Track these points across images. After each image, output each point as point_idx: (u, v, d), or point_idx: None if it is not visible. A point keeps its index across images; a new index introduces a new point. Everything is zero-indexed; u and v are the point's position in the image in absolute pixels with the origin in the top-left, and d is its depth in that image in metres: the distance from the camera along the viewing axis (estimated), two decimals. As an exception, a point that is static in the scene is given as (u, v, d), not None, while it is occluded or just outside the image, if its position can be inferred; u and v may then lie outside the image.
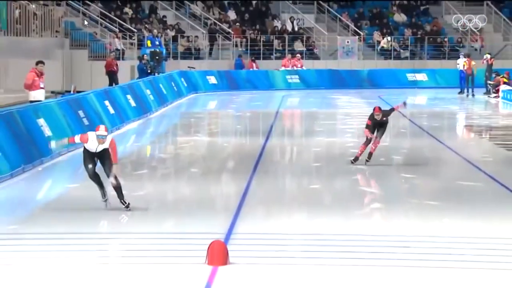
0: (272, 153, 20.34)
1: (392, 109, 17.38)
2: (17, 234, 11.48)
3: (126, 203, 12.48)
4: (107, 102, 23.57)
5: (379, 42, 43.49)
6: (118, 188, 12.41)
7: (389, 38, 43.15)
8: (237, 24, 43.19)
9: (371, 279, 9.09)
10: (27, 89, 21.46)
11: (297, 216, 12.90)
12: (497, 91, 34.91)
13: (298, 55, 41.61)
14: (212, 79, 39.61)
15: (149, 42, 37.01)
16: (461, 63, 36.89)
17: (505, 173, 16.34)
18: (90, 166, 12.46)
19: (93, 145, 12.29)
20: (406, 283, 8.97)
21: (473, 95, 36.63)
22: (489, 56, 36.69)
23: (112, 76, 32.34)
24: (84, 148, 12.55)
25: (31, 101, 20.60)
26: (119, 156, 13.61)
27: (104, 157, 12.44)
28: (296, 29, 43.48)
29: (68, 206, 13.16)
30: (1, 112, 16.73)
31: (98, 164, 12.64)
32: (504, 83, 34.62)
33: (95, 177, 12.52)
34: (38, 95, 21.13)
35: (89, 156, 12.48)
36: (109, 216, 12.46)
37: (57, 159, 17.85)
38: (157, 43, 37.14)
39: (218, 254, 9.44)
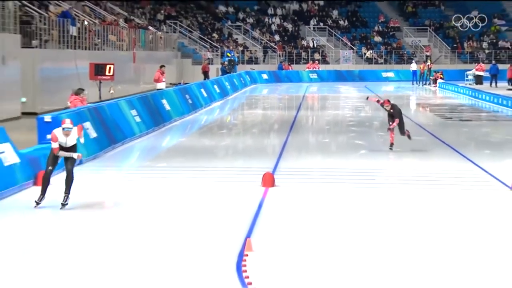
0: (301, 120, 28.87)
1: (396, 118, 18.94)
2: (151, 167, 17.40)
3: (66, 198, 12.12)
4: (202, 90, 34.80)
5: (365, 54, 63.32)
6: (68, 176, 12.17)
7: (371, 51, 63.29)
8: (280, 42, 63.74)
9: (363, 194, 13.93)
10: (155, 82, 31.82)
11: (316, 158, 18.83)
12: (435, 83, 50.44)
13: (316, 61, 60.62)
14: (265, 76, 57.26)
15: (228, 54, 53.73)
16: (413, 66, 54.68)
17: (439, 131, 23.83)
18: (50, 168, 12.28)
19: (62, 140, 12.18)
20: (388, 196, 13.71)
21: (423, 85, 52.51)
22: (429, 62, 54.59)
23: (206, 74, 48.57)
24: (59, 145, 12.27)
25: (158, 89, 29.93)
26: (207, 123, 27.71)
27: (71, 151, 12.29)
28: (315, 45, 63.99)
29: (180, 151, 20.02)
30: (142, 95, 25.28)
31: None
32: (440, 78, 50.42)
33: (47, 181, 12.24)
34: (161, 85, 31.02)
35: (53, 157, 12.27)
36: (206, 156, 18.77)
37: (174, 123, 26.48)
38: (232, 54, 54.07)
39: (268, 180, 14.21)
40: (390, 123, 18.77)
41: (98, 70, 26.87)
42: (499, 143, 21.54)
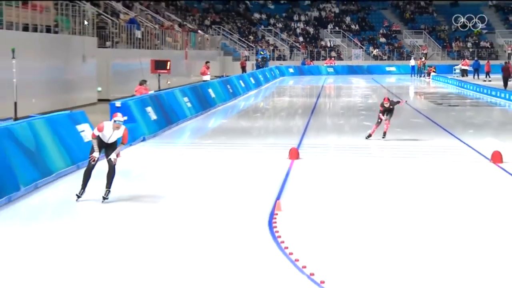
0: (320, 105, 28.65)
1: (398, 102, 17.77)
2: (199, 143, 17.28)
3: (107, 193, 9.95)
4: (241, 81, 34.86)
5: (372, 52, 62.43)
6: (111, 170, 10.03)
7: (377, 50, 62.61)
8: (303, 43, 63.01)
9: (370, 164, 13.99)
10: (201, 75, 31.52)
11: (332, 136, 18.59)
12: (429, 75, 50.08)
13: (333, 58, 60.18)
14: (291, 70, 56.76)
15: (261, 52, 55.23)
16: (412, 62, 54.73)
17: (432, 114, 23.38)
18: (93, 162, 10.01)
19: (108, 133, 10.03)
20: (390, 166, 13.32)
21: (419, 77, 52.18)
22: (423, 58, 55.30)
23: (243, 68, 48.22)
24: (98, 137, 10.09)
25: (204, 81, 29.72)
26: (245, 108, 27.02)
27: (110, 149, 10.14)
28: (331, 45, 63.18)
29: (222, 130, 19.92)
30: (192, 86, 25.47)
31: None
32: (433, 71, 50.17)
33: (88, 173, 10.05)
34: (207, 78, 30.68)
35: (98, 146, 10.07)
36: (243, 134, 18.92)
37: (217, 108, 26.27)
38: (264, 52, 55.49)
39: (294, 154, 14.10)
40: (384, 118, 16.82)
41: (157, 65, 26.86)
42: (480, 124, 21.28)
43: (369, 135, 17.07)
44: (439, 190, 11.21)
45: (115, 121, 10.02)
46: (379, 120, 16.89)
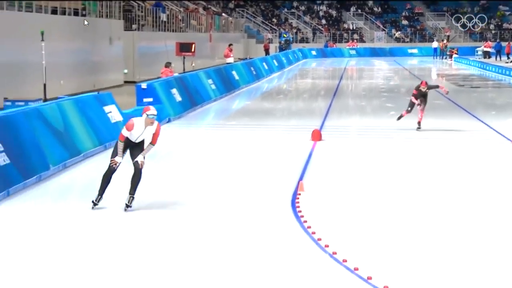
0: (342, 87, 28.53)
1: (437, 86, 16.24)
2: (223, 124, 17.32)
3: (131, 200, 8.35)
4: (264, 63, 34.82)
5: (394, 34, 62.24)
6: (137, 173, 8.36)
7: (399, 32, 62.32)
8: (326, 25, 62.92)
9: (392, 146, 13.97)
10: (224, 57, 30.84)
11: (354, 117, 18.53)
12: (451, 57, 49.50)
13: (355, 40, 60.06)
14: (314, 52, 56.16)
15: (284, 35, 54.23)
16: (435, 44, 53.41)
17: (454, 96, 22.08)
18: (113, 166, 8.33)
19: (139, 131, 8.37)
20: (412, 147, 13.11)
21: (441, 59, 51.39)
22: (445, 40, 54.12)
23: (267, 51, 48.26)
24: (127, 139, 8.41)
25: (227, 63, 29.09)
26: (268, 90, 27.07)
27: (136, 149, 8.48)
28: (354, 28, 62.95)
29: (246, 112, 19.96)
30: (216, 68, 25.62)
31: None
32: (455, 53, 49.72)
33: (108, 177, 8.43)
34: (230, 60, 29.96)
35: (123, 148, 8.39)
36: (266, 116, 18.98)
37: (241, 90, 26.39)
38: (287, 35, 54.45)
39: (316, 135, 14.04)
40: (417, 102, 15.15)
41: (182, 48, 26.86)
42: (502, 105, 21.01)
43: (401, 116, 15.59)
44: (461, 171, 11.12)
45: (148, 115, 8.35)
46: (410, 108, 15.18)
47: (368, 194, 9.40)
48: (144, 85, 17.06)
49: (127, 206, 8.39)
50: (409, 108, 15.38)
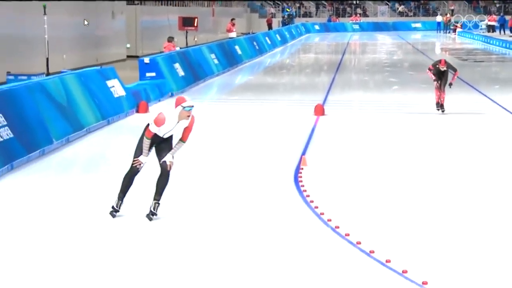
0: (345, 62, 28.19)
1: (455, 70, 14.17)
2: (226, 99, 17.34)
3: (156, 207, 6.98)
4: (267, 38, 34.62)
5: (398, 8, 62.29)
6: (164, 175, 6.96)
7: (402, 6, 62.14)
8: (329, 0, 62.72)
9: (395, 120, 13.84)
10: (227, 32, 31.19)
11: (357, 92, 18.34)
12: (454, 32, 49.29)
13: (358, 14, 59.98)
14: (317, 27, 55.92)
15: (287, 9, 54.07)
16: (438, 18, 53.83)
17: (458, 70, 20.63)
18: (137, 166, 6.99)
19: (170, 125, 6.98)
20: (415, 122, 11.39)
21: (445, 33, 51.17)
22: (449, 15, 53.60)
23: (269, 25, 47.47)
24: (154, 135, 6.97)
25: (230, 38, 29.35)
26: (271, 65, 27.01)
27: (164, 146, 7.05)
28: (357, 2, 62.89)
29: (249, 86, 19.84)
30: (219, 42, 25.77)
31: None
32: (459, 27, 49.38)
33: (130, 179, 7.10)
34: (232, 35, 30.21)
35: (147, 146, 6.93)
36: (269, 90, 18.79)
37: (244, 64, 26.14)
38: (290, 9, 54.62)
39: (319, 110, 13.94)
40: (437, 83, 13.95)
41: (185, 22, 26.72)
42: (506, 80, 20.88)
43: (440, 105, 14.01)
44: (464, 145, 11.09)
45: (184, 107, 6.98)
46: (435, 82, 13.91)
47: (370, 169, 9.39)
48: (147, 60, 16.99)
49: (152, 213, 6.98)
50: (435, 84, 13.96)
